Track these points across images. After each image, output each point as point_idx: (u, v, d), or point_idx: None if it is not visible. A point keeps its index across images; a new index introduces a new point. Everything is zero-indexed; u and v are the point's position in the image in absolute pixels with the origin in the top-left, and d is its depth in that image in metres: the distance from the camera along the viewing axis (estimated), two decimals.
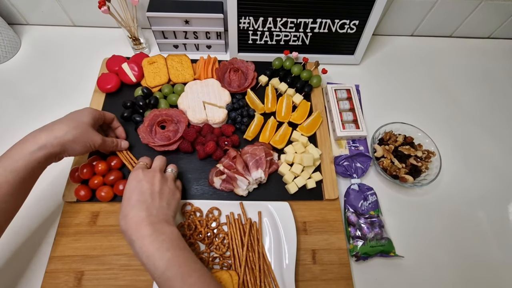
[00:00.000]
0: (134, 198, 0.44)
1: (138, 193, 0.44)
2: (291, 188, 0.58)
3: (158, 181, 0.47)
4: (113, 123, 0.58)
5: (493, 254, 0.58)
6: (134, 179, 0.46)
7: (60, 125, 0.45)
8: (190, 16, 0.68)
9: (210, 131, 0.62)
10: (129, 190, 0.45)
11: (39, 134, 0.43)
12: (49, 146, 0.43)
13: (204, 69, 0.70)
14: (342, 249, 0.55)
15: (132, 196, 0.44)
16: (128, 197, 0.44)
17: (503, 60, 0.86)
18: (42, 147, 0.42)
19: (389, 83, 0.79)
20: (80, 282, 0.50)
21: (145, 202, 0.43)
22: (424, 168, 0.62)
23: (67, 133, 0.45)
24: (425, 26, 0.84)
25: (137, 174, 0.47)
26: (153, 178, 0.47)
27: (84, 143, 0.47)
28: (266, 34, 0.72)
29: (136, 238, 0.40)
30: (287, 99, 0.67)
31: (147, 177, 0.46)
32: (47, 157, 0.43)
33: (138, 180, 0.46)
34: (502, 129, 0.73)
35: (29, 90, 0.70)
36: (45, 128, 0.45)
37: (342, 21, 0.71)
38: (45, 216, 0.56)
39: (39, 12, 0.76)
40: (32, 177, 0.44)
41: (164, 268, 0.39)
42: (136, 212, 0.42)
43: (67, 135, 0.45)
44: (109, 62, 0.68)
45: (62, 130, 0.45)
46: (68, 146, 0.45)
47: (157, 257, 0.39)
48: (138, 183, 0.45)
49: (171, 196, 0.48)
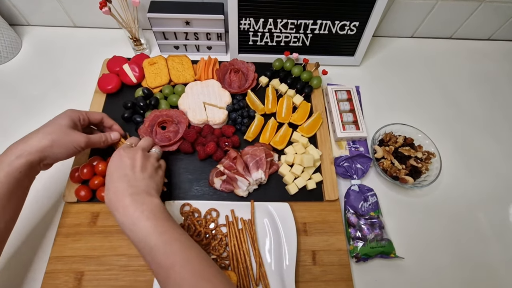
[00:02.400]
0: (115, 173, 0.45)
1: (119, 168, 0.45)
2: (291, 189, 0.58)
3: (140, 157, 0.47)
4: (104, 121, 0.56)
5: (494, 255, 0.58)
6: (116, 155, 0.47)
7: (36, 133, 0.45)
8: (190, 17, 0.68)
9: (210, 132, 0.62)
10: (111, 167, 0.46)
11: (15, 145, 0.43)
12: (26, 154, 0.42)
13: (205, 70, 0.70)
14: (342, 250, 0.55)
15: (114, 171, 0.45)
16: (110, 172, 0.45)
17: (503, 61, 0.86)
18: (18, 156, 0.42)
19: (389, 84, 0.79)
20: (80, 283, 0.50)
21: (126, 175, 0.44)
22: (424, 169, 0.62)
23: (42, 139, 0.44)
24: (425, 27, 0.85)
25: (119, 151, 0.47)
26: (135, 154, 0.47)
27: (65, 146, 0.47)
28: (266, 35, 0.73)
29: (117, 208, 0.41)
30: (287, 100, 0.68)
31: (129, 154, 0.47)
32: (28, 165, 0.43)
33: (120, 156, 0.46)
34: (502, 131, 0.73)
35: (30, 91, 0.70)
36: (22, 138, 0.45)
37: (343, 23, 0.71)
38: (45, 216, 0.56)
39: (40, 13, 0.76)
40: (20, 188, 0.43)
41: (145, 235, 0.39)
42: (117, 185, 0.43)
43: (43, 141, 0.44)
44: (109, 63, 0.69)
45: (37, 137, 0.44)
46: (47, 152, 0.45)
47: (138, 226, 0.40)
48: (120, 159, 0.46)
49: (153, 172, 0.48)
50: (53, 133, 0.46)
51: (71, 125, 0.48)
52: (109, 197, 0.43)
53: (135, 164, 0.46)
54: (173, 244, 0.40)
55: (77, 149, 0.48)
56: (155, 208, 0.43)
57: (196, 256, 0.40)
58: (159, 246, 0.39)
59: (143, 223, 0.40)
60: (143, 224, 0.40)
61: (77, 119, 0.50)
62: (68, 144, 0.47)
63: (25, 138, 0.45)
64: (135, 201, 0.42)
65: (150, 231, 0.40)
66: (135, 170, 0.45)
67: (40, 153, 0.44)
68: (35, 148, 0.43)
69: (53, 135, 0.45)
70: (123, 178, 0.44)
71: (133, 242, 0.41)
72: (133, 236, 0.40)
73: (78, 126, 0.50)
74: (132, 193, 0.42)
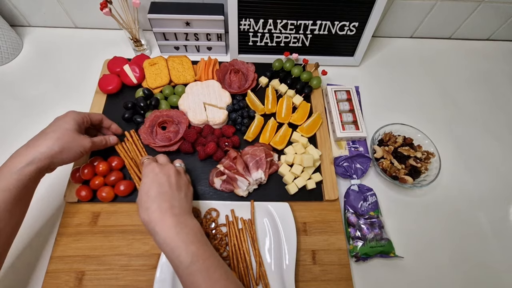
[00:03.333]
0: (154, 191, 0.43)
1: (157, 185, 0.44)
2: (291, 188, 0.58)
3: (174, 174, 0.47)
4: (103, 122, 0.57)
5: (493, 254, 0.58)
6: (151, 172, 0.46)
7: (45, 139, 0.45)
8: (191, 18, 0.68)
9: (210, 132, 0.63)
10: (147, 183, 0.45)
11: (25, 151, 0.43)
12: (36, 161, 0.43)
13: (205, 70, 0.70)
14: (342, 249, 0.55)
15: (151, 188, 0.44)
16: (147, 190, 0.44)
17: (502, 61, 0.86)
18: (29, 163, 0.42)
19: (389, 84, 0.79)
20: (80, 282, 0.50)
21: (165, 193, 0.44)
22: (424, 169, 0.62)
23: (53, 146, 0.45)
24: (425, 28, 0.85)
25: (153, 167, 0.46)
26: (169, 171, 0.47)
27: (73, 151, 0.47)
28: (266, 35, 0.73)
29: (160, 229, 0.40)
30: (287, 100, 0.68)
31: (164, 170, 0.46)
32: (37, 172, 0.43)
33: (155, 173, 0.46)
34: (501, 130, 0.74)
35: (31, 91, 0.70)
36: (30, 143, 0.45)
37: (342, 23, 0.71)
38: (47, 216, 0.56)
39: (41, 14, 0.77)
40: (27, 193, 0.44)
41: (189, 262, 0.39)
42: (159, 204, 0.42)
43: (53, 147, 0.45)
44: (110, 64, 0.69)
45: (47, 144, 0.44)
46: (56, 158, 0.45)
47: (182, 250, 0.39)
48: (156, 175, 0.45)
49: (187, 188, 0.48)
50: (62, 139, 0.46)
51: (76, 129, 0.49)
52: (150, 217, 0.41)
53: (171, 182, 0.46)
54: (214, 272, 0.40)
55: (82, 153, 0.49)
56: (197, 230, 0.43)
57: (233, 284, 0.41)
58: (201, 273, 0.39)
59: (187, 247, 0.40)
60: (188, 248, 0.40)
61: (81, 122, 0.50)
62: (75, 149, 0.47)
63: (33, 143, 0.45)
64: (179, 223, 0.41)
65: (194, 257, 0.39)
66: (173, 188, 0.45)
67: (50, 159, 0.44)
68: (45, 155, 0.44)
69: (62, 141, 0.46)
70: (163, 196, 0.43)
71: (172, 264, 0.40)
72: (174, 258, 0.40)
73: (82, 128, 0.51)
74: (175, 213, 0.42)
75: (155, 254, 0.52)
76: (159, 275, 0.49)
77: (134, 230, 0.54)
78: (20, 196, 0.42)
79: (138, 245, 0.53)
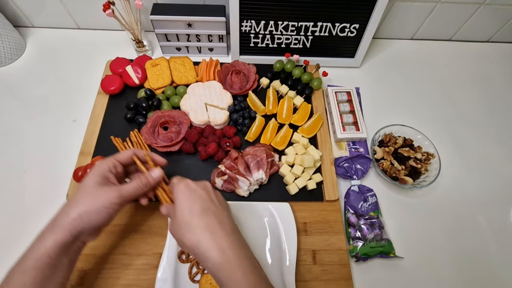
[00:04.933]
0: (196, 206, 0.38)
1: (198, 200, 0.39)
2: (291, 189, 0.59)
3: (211, 188, 0.43)
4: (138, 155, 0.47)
5: (493, 255, 0.59)
6: (186, 188, 0.40)
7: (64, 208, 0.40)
8: (192, 19, 0.69)
9: (212, 133, 0.63)
10: (183, 201, 0.39)
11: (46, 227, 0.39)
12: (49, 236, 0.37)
13: (206, 71, 0.71)
14: (342, 249, 0.56)
15: (192, 205, 0.38)
16: (189, 207, 0.38)
17: (503, 63, 0.86)
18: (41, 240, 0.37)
19: (389, 85, 0.79)
20: (83, 281, 0.50)
21: (210, 209, 0.39)
22: (424, 170, 0.63)
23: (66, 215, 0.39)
24: (425, 30, 0.85)
25: (187, 183, 0.41)
26: (206, 186, 0.42)
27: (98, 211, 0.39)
28: (267, 37, 0.73)
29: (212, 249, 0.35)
30: (288, 101, 0.68)
31: (200, 186, 0.42)
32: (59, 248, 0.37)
33: (191, 190, 0.40)
34: (501, 132, 0.74)
35: (34, 92, 0.71)
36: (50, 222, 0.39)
37: (343, 25, 0.72)
38: (49, 215, 0.56)
39: (44, 15, 0.77)
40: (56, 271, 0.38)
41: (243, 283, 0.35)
42: (207, 221, 0.37)
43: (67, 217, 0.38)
44: (112, 64, 0.69)
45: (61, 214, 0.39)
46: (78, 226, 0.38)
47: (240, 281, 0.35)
48: (192, 192, 0.40)
49: (226, 202, 0.44)
50: (80, 203, 0.39)
51: (101, 182, 0.41)
52: (197, 237, 0.36)
53: (212, 197, 0.41)
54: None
55: (113, 209, 0.41)
56: (250, 254, 0.39)
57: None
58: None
59: (246, 277, 0.35)
60: (247, 278, 0.35)
61: (107, 171, 0.42)
62: (100, 209, 0.39)
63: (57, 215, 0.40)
64: (232, 241, 0.37)
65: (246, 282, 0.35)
66: (215, 203, 0.40)
67: (70, 231, 0.38)
68: (61, 227, 0.38)
69: (80, 206, 0.39)
70: (208, 212, 0.38)
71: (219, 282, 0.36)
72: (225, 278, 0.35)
73: (111, 178, 0.43)
74: (226, 233, 0.37)
75: (157, 253, 0.53)
76: (160, 274, 0.49)
77: (135, 230, 0.55)
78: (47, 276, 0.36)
79: (140, 244, 0.53)
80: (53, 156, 0.62)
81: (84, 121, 0.64)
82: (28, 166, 0.61)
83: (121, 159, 0.45)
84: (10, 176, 0.60)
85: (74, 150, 0.61)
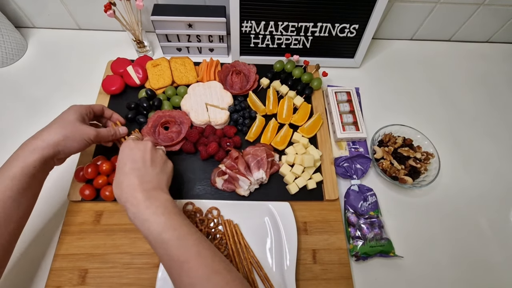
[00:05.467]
0: (127, 166, 0.45)
1: (131, 161, 0.45)
2: (292, 188, 0.59)
3: (150, 150, 0.48)
4: (105, 112, 0.58)
5: (492, 254, 0.59)
6: (126, 147, 0.47)
7: (48, 128, 0.46)
8: (193, 20, 0.69)
9: (212, 132, 0.63)
10: (122, 159, 0.46)
11: (29, 141, 0.44)
12: (39, 149, 0.43)
13: (207, 71, 0.71)
14: (342, 249, 0.56)
15: (125, 164, 0.45)
16: (122, 165, 0.45)
17: (502, 63, 0.87)
18: (32, 151, 0.43)
19: (389, 86, 0.80)
20: (84, 280, 0.50)
21: (138, 169, 0.45)
22: (423, 170, 0.63)
23: (55, 134, 0.46)
24: (424, 30, 0.86)
25: (129, 143, 0.48)
26: (145, 147, 0.48)
27: (78, 139, 0.48)
28: (267, 37, 0.74)
29: (131, 204, 0.42)
30: (288, 101, 0.69)
31: (139, 146, 0.48)
32: (42, 161, 0.44)
33: (130, 148, 0.47)
34: (500, 131, 0.74)
35: (35, 92, 0.71)
36: (34, 135, 0.46)
37: (342, 25, 0.72)
38: (50, 214, 0.57)
39: (45, 16, 0.78)
40: (34, 183, 0.44)
41: (160, 231, 0.40)
42: (130, 179, 0.43)
43: (56, 135, 0.45)
44: (113, 65, 0.70)
45: (49, 133, 0.46)
46: (61, 146, 0.46)
47: (152, 222, 0.40)
48: (130, 151, 0.47)
49: (164, 164, 0.49)
50: (65, 128, 0.47)
51: (80, 119, 0.49)
52: (120, 190, 0.43)
53: (145, 158, 0.47)
54: (186, 239, 0.40)
55: (88, 142, 0.49)
56: (168, 204, 0.43)
57: (208, 250, 0.41)
58: (173, 241, 0.40)
59: (157, 218, 0.41)
60: (157, 219, 0.41)
61: (84, 113, 0.51)
62: (79, 138, 0.48)
63: (37, 134, 0.46)
64: (149, 197, 0.42)
65: (164, 227, 0.40)
66: (146, 164, 0.46)
67: (54, 148, 0.45)
68: (47, 143, 0.44)
69: (65, 130, 0.46)
70: (135, 171, 0.44)
71: (145, 236, 0.41)
72: (145, 230, 0.41)
73: (86, 120, 0.52)
74: (145, 189, 0.43)
75: None
76: (161, 273, 0.49)
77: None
78: (26, 186, 0.42)
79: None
80: None
81: None
82: None
83: (94, 109, 0.55)
84: None
85: None
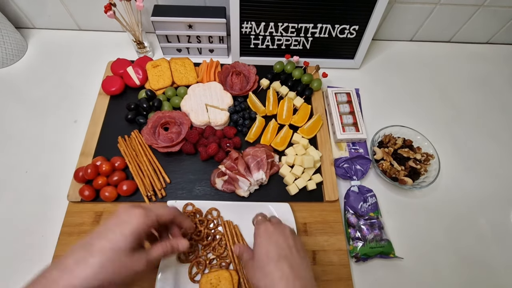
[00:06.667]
0: (273, 252, 0.38)
1: (277, 246, 0.39)
2: (291, 189, 0.59)
3: (290, 233, 0.41)
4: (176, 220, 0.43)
5: (492, 255, 0.59)
6: (265, 232, 0.40)
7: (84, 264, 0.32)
8: (193, 20, 0.69)
9: (212, 133, 0.63)
10: (263, 244, 0.39)
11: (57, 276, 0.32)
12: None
13: (207, 72, 0.71)
14: (342, 250, 0.56)
15: (270, 250, 0.38)
16: (266, 251, 0.38)
17: (502, 65, 0.87)
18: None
19: (389, 87, 0.80)
20: None
21: (286, 256, 0.38)
22: (423, 171, 0.63)
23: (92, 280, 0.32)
24: (424, 31, 0.86)
25: (266, 226, 0.41)
26: (284, 230, 0.41)
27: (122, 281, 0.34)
28: (267, 38, 0.74)
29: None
30: (288, 102, 0.69)
31: (278, 230, 0.41)
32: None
33: (270, 233, 0.40)
34: (500, 132, 0.74)
35: (35, 93, 0.71)
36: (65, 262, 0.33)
37: (342, 26, 0.72)
38: (50, 215, 0.57)
39: (45, 16, 0.78)
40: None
41: None
42: (281, 268, 0.37)
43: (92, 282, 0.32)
44: (113, 65, 0.70)
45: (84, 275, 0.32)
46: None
47: None
48: (271, 236, 0.40)
49: (304, 249, 0.42)
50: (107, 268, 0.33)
51: (132, 247, 0.35)
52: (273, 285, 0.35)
53: (289, 244, 0.40)
54: None
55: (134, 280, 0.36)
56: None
57: None
58: None
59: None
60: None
61: (143, 231, 0.37)
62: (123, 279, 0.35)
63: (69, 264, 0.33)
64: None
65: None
66: (292, 251, 0.39)
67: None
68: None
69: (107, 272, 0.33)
70: (285, 260, 0.37)
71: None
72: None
73: (143, 240, 0.39)
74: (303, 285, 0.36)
75: None
76: (161, 274, 0.49)
77: None
78: None
79: None
80: (54, 157, 0.63)
81: (85, 122, 0.65)
82: (29, 167, 0.61)
83: (161, 219, 0.39)
84: (11, 176, 0.60)
85: (75, 151, 0.61)
